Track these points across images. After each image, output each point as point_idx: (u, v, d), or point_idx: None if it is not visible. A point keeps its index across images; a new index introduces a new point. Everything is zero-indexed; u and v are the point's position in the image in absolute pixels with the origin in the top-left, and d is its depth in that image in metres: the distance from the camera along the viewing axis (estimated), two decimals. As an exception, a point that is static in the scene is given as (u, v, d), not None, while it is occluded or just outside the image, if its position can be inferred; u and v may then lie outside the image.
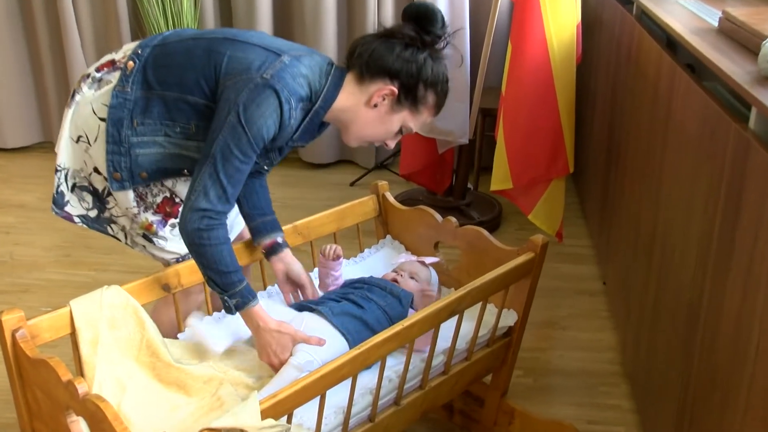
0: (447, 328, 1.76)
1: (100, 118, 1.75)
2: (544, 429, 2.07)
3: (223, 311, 1.87)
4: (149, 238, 1.85)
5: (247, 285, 1.66)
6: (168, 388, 1.64)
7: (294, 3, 3.93)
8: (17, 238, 3.36)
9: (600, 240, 3.08)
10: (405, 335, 1.63)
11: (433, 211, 2.17)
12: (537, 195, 3.05)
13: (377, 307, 1.83)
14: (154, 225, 1.83)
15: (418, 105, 1.71)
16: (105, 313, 1.63)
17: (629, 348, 2.40)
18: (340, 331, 1.74)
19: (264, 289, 2.04)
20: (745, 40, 1.72)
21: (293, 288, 1.93)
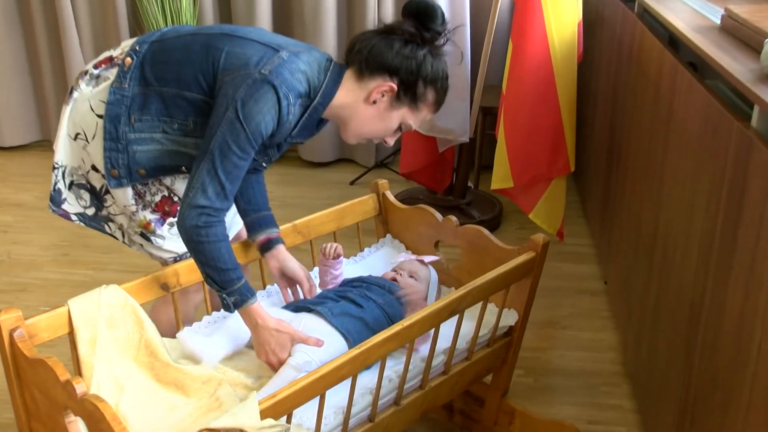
0: (447, 328, 1.76)
1: (97, 115, 1.74)
2: (545, 429, 2.06)
3: (222, 311, 1.87)
4: (147, 237, 1.84)
5: (246, 283, 1.66)
6: (166, 388, 1.64)
7: (294, 0, 3.92)
8: (15, 237, 3.35)
9: (601, 239, 3.07)
10: (405, 335, 1.62)
11: (434, 210, 2.16)
12: (538, 194, 3.04)
13: (376, 305, 1.83)
14: (152, 223, 1.82)
15: (417, 102, 1.70)
16: (103, 313, 1.63)
17: (630, 348, 2.39)
18: (339, 332, 1.73)
19: (263, 288, 2.03)
20: (747, 38, 1.71)
21: (290, 284, 1.92)
